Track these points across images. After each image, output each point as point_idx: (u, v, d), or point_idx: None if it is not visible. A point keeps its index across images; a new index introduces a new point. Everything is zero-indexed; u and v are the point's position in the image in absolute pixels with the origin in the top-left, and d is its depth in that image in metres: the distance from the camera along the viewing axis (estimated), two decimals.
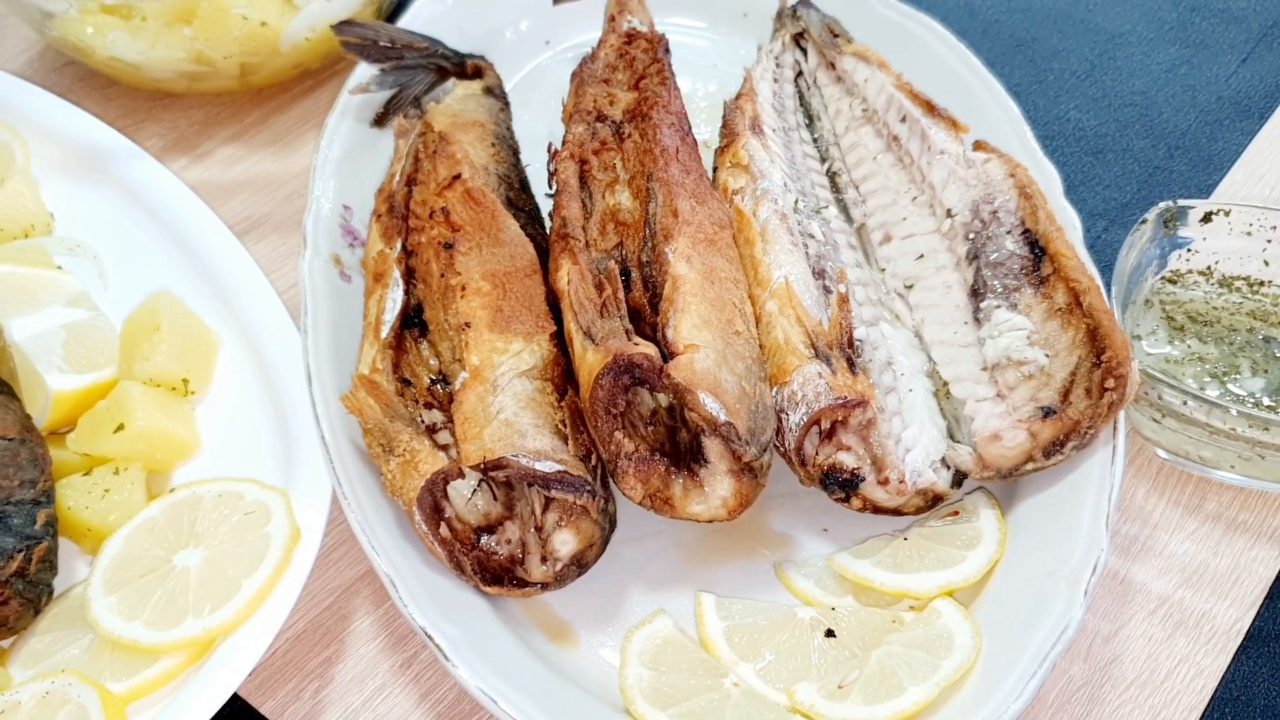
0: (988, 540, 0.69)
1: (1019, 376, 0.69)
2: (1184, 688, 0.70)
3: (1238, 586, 0.75)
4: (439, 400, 0.73)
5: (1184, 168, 1.00)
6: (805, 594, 0.70)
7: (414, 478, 0.66)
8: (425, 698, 0.70)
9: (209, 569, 0.68)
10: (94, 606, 0.67)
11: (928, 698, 0.62)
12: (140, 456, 0.75)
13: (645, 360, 0.66)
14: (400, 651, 0.72)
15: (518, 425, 0.66)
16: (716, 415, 0.65)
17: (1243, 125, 1.03)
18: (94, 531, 0.72)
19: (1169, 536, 0.77)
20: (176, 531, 0.70)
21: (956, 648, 0.64)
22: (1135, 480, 0.80)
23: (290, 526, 0.70)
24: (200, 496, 0.72)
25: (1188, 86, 1.07)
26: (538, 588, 0.67)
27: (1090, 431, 0.67)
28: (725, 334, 0.68)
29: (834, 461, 0.68)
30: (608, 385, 0.66)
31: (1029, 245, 0.74)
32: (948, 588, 0.68)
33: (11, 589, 0.67)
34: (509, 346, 0.70)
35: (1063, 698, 0.70)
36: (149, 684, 0.66)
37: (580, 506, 0.65)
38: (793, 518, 0.74)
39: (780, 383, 0.68)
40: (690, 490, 0.67)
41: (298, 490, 0.72)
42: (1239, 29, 1.12)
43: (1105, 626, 0.73)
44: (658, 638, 0.67)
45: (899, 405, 0.70)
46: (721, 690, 0.65)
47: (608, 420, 0.67)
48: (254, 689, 0.70)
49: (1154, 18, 1.13)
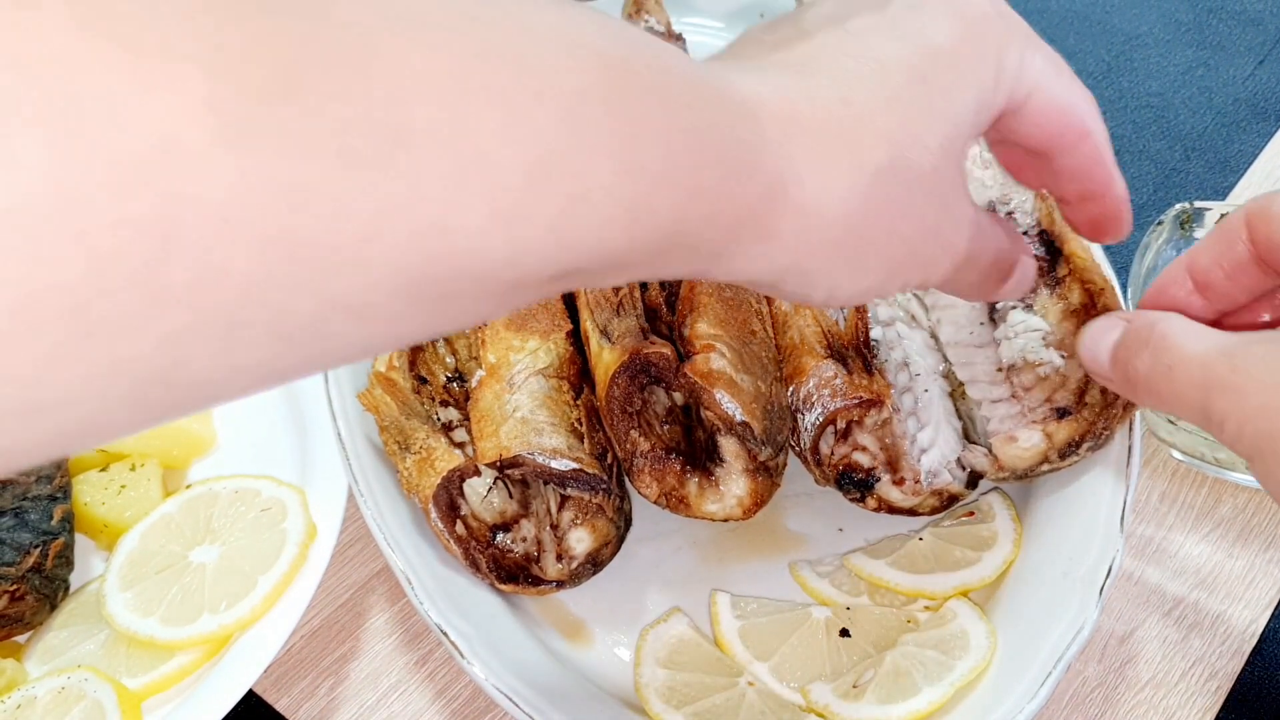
0: (1003, 541, 0.69)
1: (1035, 377, 0.69)
2: (1198, 689, 0.70)
3: (1253, 588, 0.74)
4: (455, 398, 0.73)
5: (1200, 169, 1.00)
6: (820, 593, 0.70)
7: (430, 475, 0.66)
8: (440, 695, 0.70)
9: (225, 565, 0.69)
10: (110, 602, 0.67)
11: (942, 698, 0.62)
12: (157, 452, 0.75)
13: (661, 359, 0.66)
14: (415, 649, 0.72)
15: (534, 423, 0.67)
16: (732, 414, 0.65)
17: (1259, 128, 1.03)
18: (110, 527, 0.72)
19: (1184, 538, 0.77)
20: (193, 527, 0.71)
21: (971, 648, 0.64)
22: (1150, 482, 0.79)
23: (306, 523, 0.70)
24: (216, 493, 0.72)
25: (1204, 89, 1.07)
26: (553, 585, 0.67)
27: (1106, 432, 0.67)
28: (742, 333, 0.68)
29: (849, 461, 0.68)
30: (624, 383, 0.66)
31: (1045, 245, 0.74)
32: (963, 588, 0.68)
33: (28, 584, 0.68)
34: (525, 344, 0.70)
35: (1078, 698, 0.70)
36: (164, 680, 0.66)
37: (596, 504, 0.66)
38: (808, 517, 0.74)
39: (796, 382, 0.68)
40: (705, 489, 0.67)
41: (314, 487, 0.72)
42: (1256, 31, 1.12)
43: (1120, 628, 0.73)
44: (673, 636, 0.67)
45: (914, 405, 0.70)
46: (736, 689, 0.65)
47: (623, 418, 0.67)
48: (269, 685, 0.71)
49: (1170, 19, 1.13)
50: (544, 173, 0.31)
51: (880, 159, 0.42)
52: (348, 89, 0.27)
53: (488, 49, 0.30)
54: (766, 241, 0.40)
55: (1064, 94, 0.49)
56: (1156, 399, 0.54)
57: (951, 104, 0.45)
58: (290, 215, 0.26)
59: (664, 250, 0.37)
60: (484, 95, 0.30)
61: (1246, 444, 0.49)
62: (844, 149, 0.41)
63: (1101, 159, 0.52)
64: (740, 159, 0.38)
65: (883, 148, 0.42)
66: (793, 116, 0.40)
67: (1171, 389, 0.52)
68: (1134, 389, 0.56)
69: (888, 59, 0.44)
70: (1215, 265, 0.57)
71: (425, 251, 0.29)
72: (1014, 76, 0.47)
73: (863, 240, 0.43)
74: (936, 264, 0.47)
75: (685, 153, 0.36)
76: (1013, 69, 0.47)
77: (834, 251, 0.42)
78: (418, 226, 0.29)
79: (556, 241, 0.32)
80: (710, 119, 0.37)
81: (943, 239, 0.47)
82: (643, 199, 0.35)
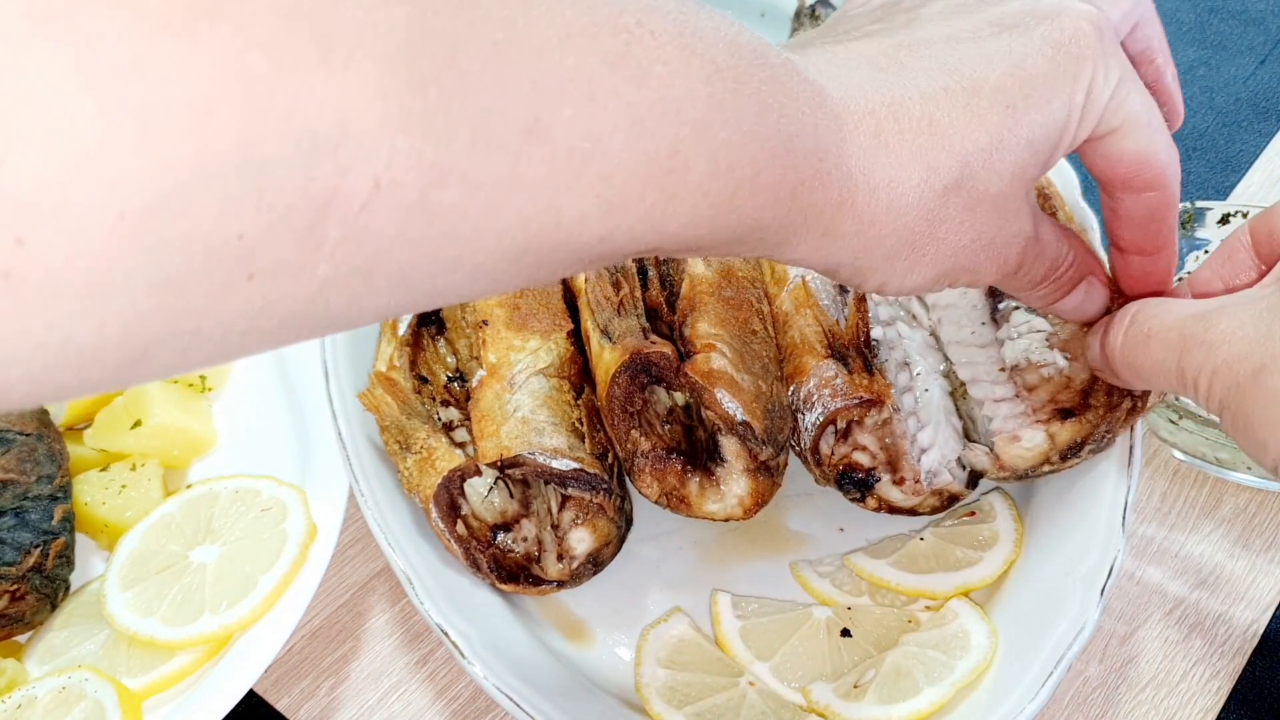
0: (1004, 541, 0.69)
1: (1038, 378, 0.69)
2: (1200, 689, 0.70)
3: (1254, 589, 0.74)
4: (456, 398, 0.73)
5: (1202, 169, 1.00)
6: (821, 593, 0.69)
7: (431, 475, 0.66)
8: (440, 695, 0.70)
9: (225, 565, 0.69)
10: (110, 602, 0.67)
11: (943, 698, 0.62)
12: (157, 452, 0.75)
13: (662, 358, 0.66)
14: (415, 649, 0.72)
15: (534, 423, 0.66)
16: (733, 414, 0.65)
17: (1260, 127, 1.03)
18: (111, 527, 0.72)
19: (1185, 538, 0.77)
20: (193, 527, 0.71)
21: (972, 648, 0.64)
22: (1151, 482, 0.79)
23: (307, 523, 0.70)
24: (217, 493, 0.72)
25: (1206, 88, 1.07)
26: (553, 585, 0.67)
27: (1108, 436, 0.67)
28: (743, 333, 0.68)
29: (850, 461, 0.68)
30: (624, 383, 0.66)
31: None
32: (964, 588, 0.67)
33: (28, 584, 0.68)
34: (526, 344, 0.70)
35: (1079, 698, 0.70)
36: (165, 680, 0.66)
37: (597, 504, 0.66)
38: (809, 517, 0.74)
39: (796, 382, 0.68)
40: (706, 489, 0.67)
41: (314, 487, 0.72)
42: (1257, 31, 1.11)
43: (1121, 628, 0.73)
44: (673, 636, 0.67)
45: (915, 405, 0.70)
46: (737, 689, 0.65)
47: (624, 418, 0.67)
48: (269, 685, 0.71)
49: (1172, 19, 1.13)
50: (648, 171, 0.35)
51: (950, 179, 0.45)
52: (490, 85, 0.31)
53: (616, 58, 0.34)
54: (831, 238, 0.44)
55: (1147, 142, 0.50)
56: (1135, 371, 0.55)
57: (1032, 136, 0.47)
58: (428, 189, 0.30)
59: (737, 238, 0.41)
60: (611, 101, 0.34)
61: (1216, 398, 0.50)
62: (919, 167, 0.44)
63: (1165, 216, 0.54)
64: (821, 168, 0.42)
65: (955, 169, 0.45)
66: (877, 130, 0.44)
67: (1149, 356, 0.53)
68: (1114, 364, 0.56)
69: (981, 81, 0.46)
70: (1215, 277, 0.58)
71: (536, 227, 0.34)
72: (1101, 108, 0.48)
73: (920, 247, 0.46)
74: (985, 271, 0.50)
75: (772, 160, 0.39)
76: (1101, 101, 0.48)
77: (891, 253, 0.46)
78: (534, 208, 0.33)
79: (649, 228, 0.37)
80: (800, 128, 0.41)
81: (995, 251, 0.49)
82: (729, 199, 0.39)
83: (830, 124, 0.42)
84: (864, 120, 0.43)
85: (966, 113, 0.45)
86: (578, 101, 0.33)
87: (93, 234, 0.25)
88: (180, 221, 0.26)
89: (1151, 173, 0.51)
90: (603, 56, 0.34)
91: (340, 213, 0.29)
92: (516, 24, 0.32)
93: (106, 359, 0.28)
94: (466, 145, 0.31)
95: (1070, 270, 0.55)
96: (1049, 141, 0.47)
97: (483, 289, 0.35)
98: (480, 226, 0.32)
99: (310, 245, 0.29)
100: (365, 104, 0.28)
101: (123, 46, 0.25)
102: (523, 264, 0.35)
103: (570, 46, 0.33)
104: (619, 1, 0.35)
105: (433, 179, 0.30)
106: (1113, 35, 0.48)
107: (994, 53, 0.46)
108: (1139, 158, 0.51)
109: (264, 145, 0.27)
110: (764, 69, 0.40)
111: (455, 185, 0.31)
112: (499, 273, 0.34)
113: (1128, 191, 0.53)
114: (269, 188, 0.27)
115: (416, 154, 0.30)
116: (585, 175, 0.34)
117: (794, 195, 0.41)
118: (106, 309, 0.26)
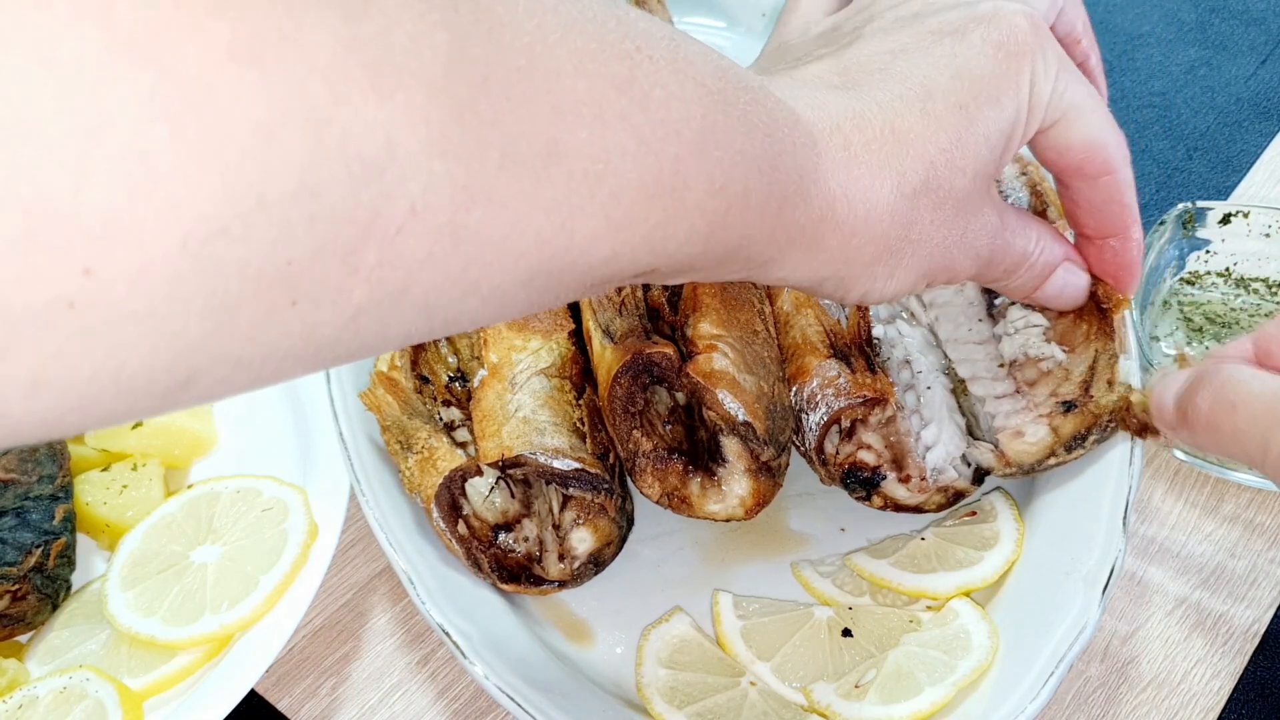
0: (1005, 540, 0.69)
1: (1038, 372, 0.69)
2: (1201, 689, 0.70)
3: (1255, 588, 0.74)
4: (457, 398, 0.73)
5: (1203, 169, 1.00)
6: (822, 593, 0.69)
7: (432, 475, 0.66)
8: (441, 695, 0.70)
9: (227, 565, 0.69)
10: (111, 602, 0.67)
11: (945, 698, 0.62)
12: (158, 452, 0.75)
13: (664, 358, 0.66)
14: (417, 649, 0.72)
15: (536, 423, 0.66)
16: (735, 414, 0.65)
17: (1262, 127, 1.03)
18: (112, 527, 0.72)
19: (1186, 538, 0.77)
20: (194, 527, 0.71)
21: (974, 648, 0.64)
22: (1152, 481, 0.79)
23: (308, 523, 0.70)
24: (218, 493, 0.72)
25: (1207, 88, 1.07)
26: (555, 585, 0.67)
27: (1111, 424, 0.67)
28: (744, 333, 0.68)
29: (855, 460, 0.68)
30: (626, 383, 0.66)
31: None
32: (965, 588, 0.67)
33: (30, 584, 0.68)
34: (527, 344, 0.70)
35: (1080, 698, 0.70)
36: (166, 680, 0.66)
37: (598, 504, 0.65)
38: (810, 517, 0.74)
39: (799, 382, 0.68)
40: (708, 489, 0.67)
41: (315, 487, 0.72)
42: (1258, 30, 1.11)
43: (1122, 627, 0.73)
44: (675, 636, 0.67)
45: (918, 403, 0.70)
46: (739, 689, 0.65)
47: (626, 418, 0.67)
48: (270, 685, 0.71)
49: (1173, 19, 1.13)
50: (652, 190, 0.37)
51: (919, 182, 0.47)
52: (516, 109, 0.32)
53: (622, 82, 0.35)
54: (813, 253, 0.46)
55: (1093, 129, 0.53)
56: (1215, 435, 0.55)
57: (988, 132, 0.49)
58: (457, 211, 0.31)
59: (727, 258, 0.42)
60: (619, 124, 0.35)
61: None
62: (889, 174, 0.46)
63: (1121, 199, 0.56)
64: (802, 185, 0.44)
65: (922, 171, 0.47)
66: (846, 144, 0.46)
67: (1234, 424, 0.53)
68: (1194, 427, 0.56)
69: (932, 86, 0.48)
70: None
71: (550, 249, 0.34)
72: (1046, 100, 0.51)
73: (897, 252, 0.48)
74: (960, 267, 0.52)
75: (760, 178, 0.41)
76: (1044, 93, 0.51)
77: (871, 261, 0.48)
78: (550, 228, 0.34)
79: (649, 248, 0.38)
80: (782, 147, 0.43)
81: (966, 245, 0.51)
82: (722, 216, 0.40)
83: (806, 142, 0.44)
84: (833, 135, 0.46)
85: (924, 116, 0.47)
86: (591, 124, 0.34)
87: (158, 262, 0.25)
88: (238, 247, 0.27)
89: (1102, 157, 0.54)
90: (611, 80, 0.35)
91: (379, 236, 0.29)
92: (536, 50, 0.33)
93: (155, 386, 0.28)
94: (495, 167, 0.31)
95: (1042, 254, 0.57)
96: (1003, 136, 0.50)
97: (493, 312, 0.35)
98: (501, 249, 0.33)
99: (349, 269, 0.29)
100: (410, 128, 0.29)
101: (195, 75, 0.25)
102: (533, 287, 0.35)
103: (583, 71, 0.34)
104: (620, 29, 0.36)
105: (462, 201, 0.31)
106: (1046, 28, 0.51)
107: (939, 58, 0.49)
108: (1087, 144, 0.53)
109: (319, 170, 0.27)
110: (747, 92, 0.42)
111: (482, 207, 0.31)
112: (509, 296, 0.35)
113: (1082, 179, 0.55)
114: (320, 213, 0.28)
115: (450, 177, 0.30)
116: (598, 195, 0.35)
117: (779, 212, 0.43)
118: (160, 336, 0.27)
